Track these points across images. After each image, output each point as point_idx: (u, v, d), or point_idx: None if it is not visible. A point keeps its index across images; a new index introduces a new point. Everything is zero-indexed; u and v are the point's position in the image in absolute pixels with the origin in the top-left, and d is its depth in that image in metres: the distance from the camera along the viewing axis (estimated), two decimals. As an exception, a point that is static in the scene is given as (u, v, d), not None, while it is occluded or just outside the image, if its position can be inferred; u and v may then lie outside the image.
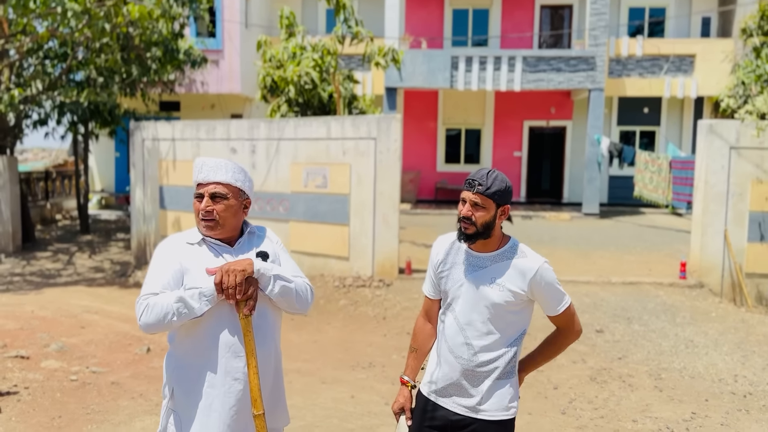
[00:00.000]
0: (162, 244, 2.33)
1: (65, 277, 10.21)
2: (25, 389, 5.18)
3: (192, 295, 2.11)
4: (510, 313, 2.43)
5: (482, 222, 2.38)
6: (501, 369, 2.44)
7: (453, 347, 2.46)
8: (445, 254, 2.56)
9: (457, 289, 2.47)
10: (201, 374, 2.22)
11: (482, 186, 2.38)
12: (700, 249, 8.52)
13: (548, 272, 2.43)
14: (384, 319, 7.51)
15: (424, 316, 2.68)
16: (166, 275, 2.20)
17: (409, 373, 2.64)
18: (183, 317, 2.11)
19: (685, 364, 5.99)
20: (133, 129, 10.77)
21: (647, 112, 18.01)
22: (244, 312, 2.15)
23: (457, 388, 2.47)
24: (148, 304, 2.12)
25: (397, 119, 8.57)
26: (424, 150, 18.29)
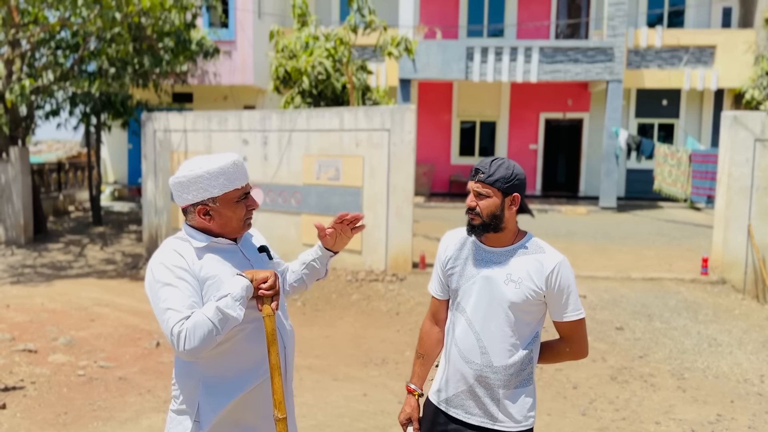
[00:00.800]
0: (164, 258, 2.03)
1: (76, 269, 10.16)
2: (31, 384, 5.09)
3: (227, 304, 1.91)
4: (526, 313, 2.23)
5: (488, 212, 2.21)
6: (517, 375, 2.25)
7: (464, 351, 2.27)
8: (454, 250, 2.37)
9: (469, 287, 2.27)
10: (234, 381, 2.07)
11: (484, 174, 2.22)
12: (723, 244, 8.27)
13: (567, 271, 2.23)
14: (397, 314, 7.35)
15: (431, 319, 2.47)
16: (187, 292, 1.97)
17: (415, 381, 2.45)
18: (226, 330, 1.92)
19: (709, 364, 5.79)
20: (145, 120, 10.67)
21: (666, 105, 17.66)
22: (272, 308, 2.00)
23: (470, 396, 2.28)
24: (187, 329, 1.87)
25: (411, 110, 8.38)
26: (438, 142, 18.08)
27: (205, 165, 2.04)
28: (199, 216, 2.08)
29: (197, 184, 2.04)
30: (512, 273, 2.22)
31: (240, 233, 2.16)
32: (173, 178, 2.09)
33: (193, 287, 2.00)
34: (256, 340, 2.08)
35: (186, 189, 2.06)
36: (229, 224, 2.10)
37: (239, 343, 2.07)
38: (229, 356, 2.07)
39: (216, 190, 2.04)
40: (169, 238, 2.14)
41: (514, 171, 2.23)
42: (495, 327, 2.23)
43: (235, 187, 2.07)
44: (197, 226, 2.11)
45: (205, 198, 2.05)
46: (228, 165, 2.05)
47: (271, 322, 2.00)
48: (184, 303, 1.95)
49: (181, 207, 2.12)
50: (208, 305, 1.94)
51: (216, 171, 2.03)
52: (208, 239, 2.09)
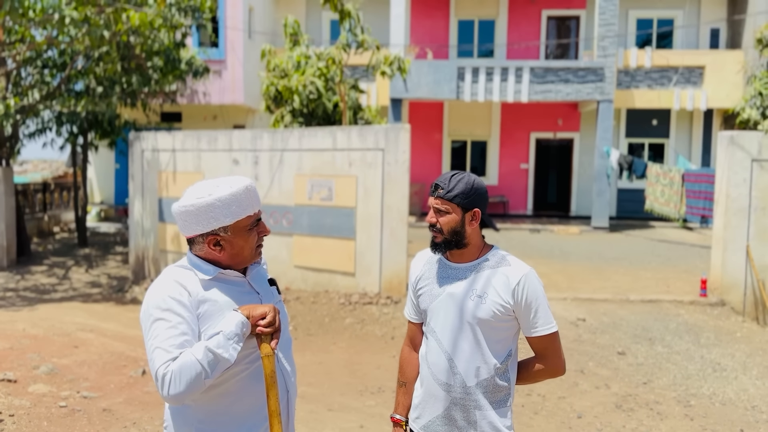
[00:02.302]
0: (162, 289, 1.84)
1: (60, 292, 9.87)
2: (9, 417, 4.82)
3: (218, 344, 1.73)
4: (495, 329, 2.14)
5: (448, 228, 2.16)
6: (493, 394, 2.15)
7: (436, 374, 2.19)
8: (423, 269, 2.30)
9: (437, 306, 2.21)
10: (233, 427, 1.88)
11: (443, 189, 2.15)
12: (722, 265, 8.16)
13: (533, 283, 2.13)
14: (392, 338, 7.14)
15: (409, 344, 2.39)
16: (180, 329, 1.77)
17: (400, 411, 2.37)
18: (217, 372, 1.74)
19: (715, 390, 5.62)
20: (132, 139, 10.47)
21: (656, 125, 17.71)
22: (272, 346, 1.81)
23: (447, 420, 2.18)
24: (172, 372, 1.70)
25: (405, 129, 8.25)
26: (429, 162, 17.99)
27: (216, 192, 1.85)
28: (209, 247, 1.90)
29: (207, 213, 1.85)
30: (477, 288, 2.16)
31: (251, 262, 1.98)
32: (179, 207, 1.89)
33: (188, 323, 1.80)
34: (258, 382, 1.89)
35: (194, 218, 1.86)
36: (240, 254, 1.92)
37: (238, 384, 1.88)
38: (226, 399, 1.88)
39: (228, 219, 1.86)
40: (170, 267, 1.95)
41: (473, 186, 2.16)
42: (465, 345, 2.14)
43: (248, 215, 1.90)
44: (205, 256, 1.92)
45: (215, 227, 1.86)
46: (240, 191, 1.87)
47: (271, 363, 1.82)
48: (174, 342, 1.75)
49: (187, 237, 1.93)
50: (198, 345, 1.75)
51: (228, 198, 1.85)
52: (216, 271, 1.90)
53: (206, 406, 1.88)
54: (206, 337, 1.79)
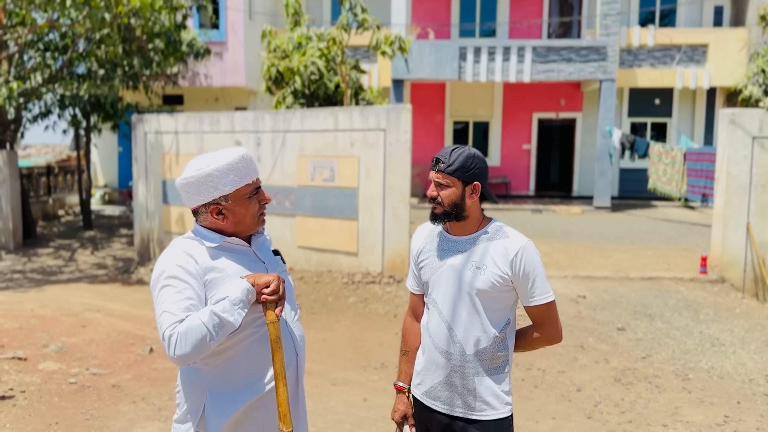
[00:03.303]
0: (170, 258, 1.93)
1: (67, 274, 9.98)
2: (21, 393, 4.94)
3: (224, 308, 1.82)
4: (494, 299, 2.22)
5: (449, 201, 2.22)
6: (491, 362, 2.24)
7: (437, 342, 2.27)
8: (424, 242, 2.38)
9: (438, 278, 2.29)
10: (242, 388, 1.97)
11: (444, 164, 2.22)
12: (722, 243, 8.22)
13: (531, 254, 2.21)
14: (395, 316, 7.24)
15: (411, 315, 2.49)
16: (186, 294, 1.86)
17: (403, 379, 2.46)
18: (222, 336, 1.82)
19: (713, 364, 5.71)
20: (135, 122, 10.51)
21: (658, 104, 17.66)
22: (276, 313, 1.90)
23: (447, 387, 2.27)
24: (179, 333, 1.78)
25: (407, 109, 8.27)
26: (431, 143, 17.98)
27: (213, 162, 1.95)
28: (213, 216, 1.99)
29: (207, 183, 1.95)
30: (476, 260, 2.22)
31: (254, 230, 2.07)
32: (180, 179, 1.99)
33: (194, 289, 1.89)
34: (265, 345, 1.97)
35: (195, 189, 1.97)
36: (243, 222, 2.02)
37: (247, 348, 1.97)
38: (236, 362, 1.97)
39: (227, 188, 1.95)
40: (178, 238, 2.05)
41: (473, 160, 2.22)
42: (465, 315, 2.23)
43: (246, 183, 1.99)
44: (209, 226, 2.03)
45: (216, 197, 1.96)
46: (237, 160, 1.97)
47: (275, 329, 1.90)
48: (181, 306, 1.85)
49: (191, 208, 2.03)
50: (204, 309, 1.84)
51: (225, 168, 1.95)
52: (221, 239, 2.01)
53: (216, 369, 1.96)
54: (213, 303, 1.87)
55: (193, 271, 1.91)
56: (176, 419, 2.05)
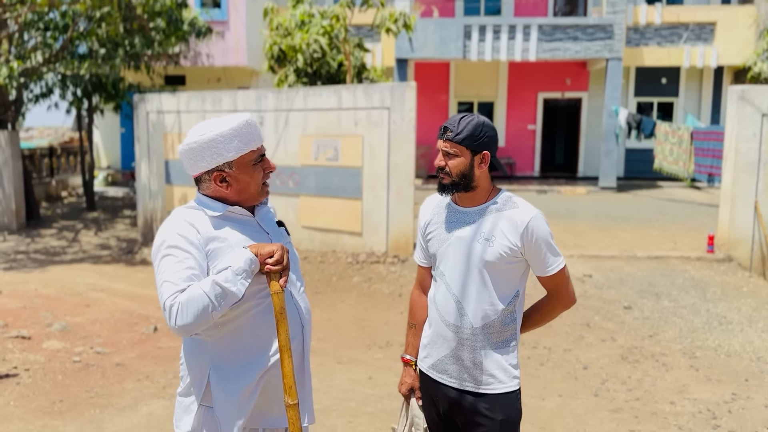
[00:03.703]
0: (171, 228, 1.88)
1: (70, 254, 9.96)
2: (25, 371, 4.93)
3: (226, 278, 1.76)
4: (503, 271, 2.16)
5: (457, 171, 2.15)
6: (499, 335, 2.19)
7: (444, 315, 2.23)
8: (432, 214, 2.32)
9: (445, 250, 2.23)
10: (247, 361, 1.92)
11: (452, 132, 2.14)
12: (729, 221, 8.14)
13: (541, 225, 2.15)
14: (399, 296, 7.20)
15: (418, 288, 2.44)
16: (188, 263, 1.81)
17: (410, 352, 2.43)
18: (225, 306, 1.77)
19: (720, 342, 5.66)
20: (137, 101, 10.43)
21: (665, 83, 17.47)
22: (280, 284, 1.84)
23: (454, 360, 2.22)
24: (180, 303, 1.73)
25: (411, 87, 8.17)
26: (436, 124, 17.79)
27: (217, 128, 1.88)
28: (216, 184, 1.93)
29: (210, 149, 1.88)
30: (485, 231, 2.17)
31: (258, 199, 2.01)
32: (183, 145, 1.93)
33: (196, 259, 1.84)
34: (270, 316, 1.92)
35: (198, 155, 1.90)
36: (247, 190, 1.95)
37: (251, 319, 1.92)
38: (241, 334, 1.92)
39: (231, 154, 1.89)
40: (179, 207, 1.99)
41: (483, 129, 2.15)
42: (472, 288, 2.17)
43: (251, 149, 1.92)
44: (212, 194, 1.96)
45: (220, 163, 1.89)
46: (241, 125, 1.89)
47: (280, 300, 1.84)
48: (182, 275, 1.79)
49: (194, 176, 1.96)
50: (206, 279, 1.79)
51: (229, 133, 1.88)
52: (224, 208, 1.94)
53: (220, 341, 1.91)
54: (215, 272, 1.81)
55: (194, 241, 1.85)
56: (180, 392, 2.01)
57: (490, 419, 2.19)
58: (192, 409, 1.95)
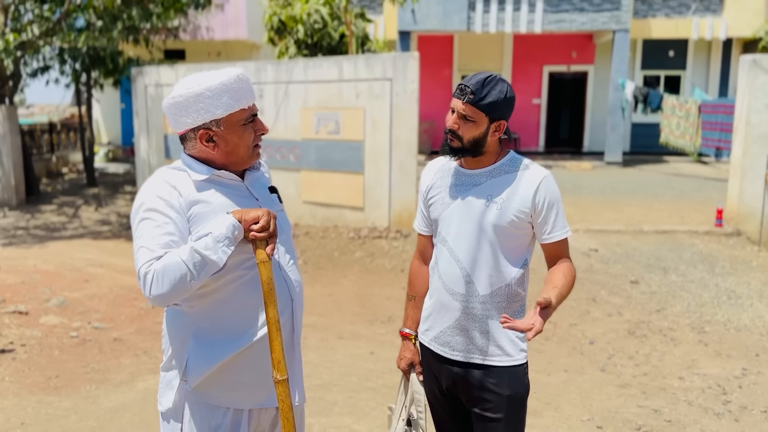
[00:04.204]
0: (151, 190, 1.74)
1: (70, 230, 9.87)
2: (21, 347, 4.85)
3: (206, 245, 1.62)
4: (512, 236, 2.02)
5: (470, 138, 2.01)
6: (508, 305, 2.05)
7: (448, 283, 2.08)
8: (434, 178, 2.17)
9: (449, 214, 2.09)
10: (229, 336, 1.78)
11: (474, 95, 1.95)
12: (739, 194, 7.98)
13: (552, 186, 2.02)
14: (402, 271, 7.10)
15: (419, 258, 2.29)
16: (166, 229, 1.67)
17: (409, 325, 2.29)
18: (204, 275, 1.63)
19: (729, 317, 5.55)
20: (135, 75, 10.26)
21: (672, 56, 17.15)
22: (267, 252, 1.69)
23: (458, 331, 2.08)
24: (155, 271, 1.60)
25: (414, 57, 7.98)
26: (439, 99, 17.60)
27: (205, 81, 1.72)
28: (202, 143, 1.77)
29: (197, 104, 1.72)
30: (493, 194, 2.04)
31: (248, 163, 1.85)
32: (168, 99, 1.77)
33: (176, 225, 1.70)
34: (255, 289, 1.78)
35: (184, 111, 1.74)
36: (235, 152, 1.79)
37: (236, 291, 1.78)
38: (223, 307, 1.78)
39: (219, 111, 1.72)
40: (162, 168, 1.83)
41: (507, 95, 1.98)
42: (479, 254, 2.03)
43: (242, 107, 1.75)
44: (198, 155, 1.81)
45: (207, 120, 1.74)
46: (231, 80, 1.73)
47: (267, 269, 1.69)
48: (159, 241, 1.65)
49: (179, 133, 1.81)
50: (185, 246, 1.64)
51: (218, 88, 1.71)
52: (210, 171, 1.78)
53: (202, 313, 1.79)
54: (195, 239, 1.67)
55: (175, 205, 1.71)
56: (162, 366, 1.89)
57: (496, 394, 2.06)
58: (174, 385, 1.83)
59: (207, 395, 1.81)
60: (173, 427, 1.83)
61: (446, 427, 2.27)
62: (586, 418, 3.78)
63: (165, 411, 1.85)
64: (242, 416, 1.83)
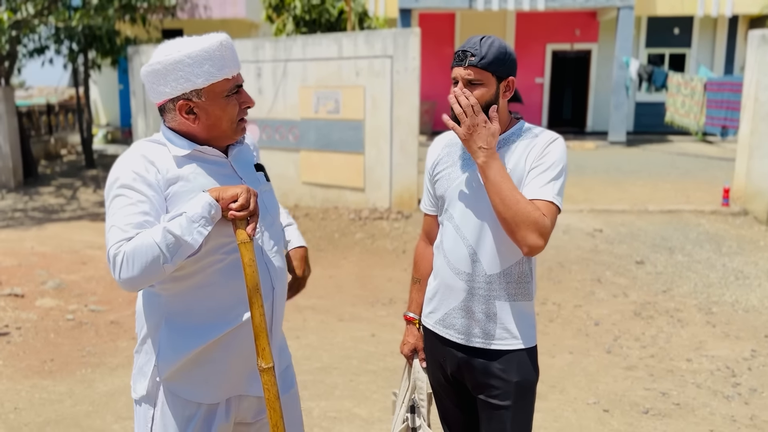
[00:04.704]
0: (126, 164, 1.61)
1: (69, 212, 9.77)
2: (16, 330, 4.77)
3: (180, 226, 1.49)
4: None
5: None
6: (517, 285, 1.93)
7: (453, 262, 1.96)
8: (441, 153, 2.04)
9: (455, 189, 1.96)
10: (204, 323, 1.67)
11: (475, 56, 1.83)
12: (746, 173, 7.84)
13: (560, 149, 1.87)
14: (403, 252, 7.00)
15: (424, 239, 2.18)
16: (141, 207, 1.55)
17: (414, 309, 2.18)
18: (178, 258, 1.51)
19: (737, 297, 5.45)
20: (132, 54, 10.08)
21: (677, 34, 16.88)
22: (248, 232, 1.56)
23: (463, 313, 1.96)
24: (125, 253, 1.49)
25: (415, 34, 7.81)
26: (440, 79, 17.38)
27: (185, 48, 1.59)
28: (181, 115, 1.64)
29: (176, 71, 1.59)
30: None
31: (232, 139, 1.72)
32: (145, 66, 1.63)
33: (152, 203, 1.57)
34: (235, 276, 1.65)
35: (162, 79, 1.61)
36: (218, 126, 1.66)
37: (213, 277, 1.65)
38: (199, 292, 1.66)
39: (200, 80, 1.59)
40: (140, 141, 1.71)
41: (507, 50, 1.86)
42: (488, 231, 1.90)
43: (225, 77, 1.62)
44: (178, 128, 1.67)
45: (187, 90, 1.60)
46: (213, 47, 1.60)
47: (248, 251, 1.57)
48: (132, 221, 1.53)
49: (157, 104, 1.67)
50: (157, 227, 1.51)
51: (199, 55, 1.58)
52: (191, 146, 1.65)
53: (177, 297, 1.67)
54: (169, 219, 1.54)
55: (152, 182, 1.59)
56: (135, 350, 1.79)
57: (503, 380, 1.95)
58: (146, 372, 1.73)
59: (178, 388, 1.70)
60: (145, 412, 1.73)
61: (451, 414, 2.16)
62: (593, 401, 3.69)
63: (138, 398, 1.76)
64: (217, 408, 1.73)
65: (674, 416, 3.54)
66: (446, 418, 2.19)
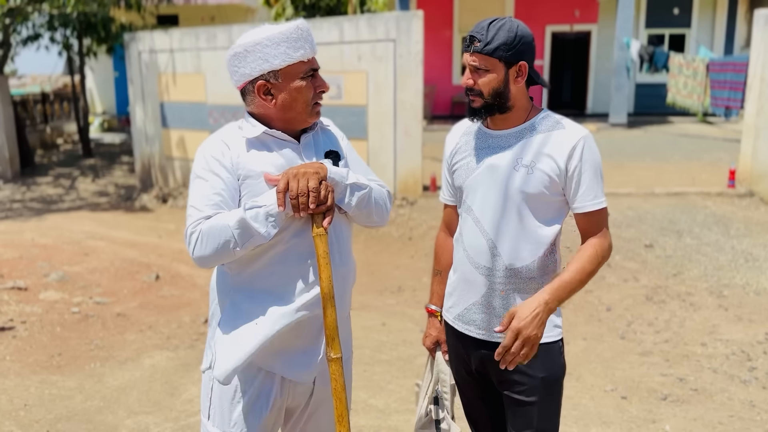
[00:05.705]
0: (207, 148, 1.75)
1: (68, 202, 9.68)
2: (21, 324, 4.70)
3: (255, 216, 1.60)
4: (544, 203, 1.82)
5: (489, 89, 1.80)
6: (540, 278, 1.85)
7: (473, 255, 1.89)
8: (460, 141, 1.98)
9: (474, 180, 1.89)
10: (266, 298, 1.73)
11: (481, 42, 1.77)
12: (752, 154, 7.78)
13: (592, 147, 1.80)
14: (410, 239, 6.94)
15: (445, 230, 2.13)
16: (217, 188, 1.68)
17: (435, 301, 2.13)
18: (248, 245, 1.62)
19: (748, 280, 5.41)
20: (128, 41, 9.92)
21: (677, 14, 16.73)
22: (323, 226, 1.62)
23: (484, 308, 1.90)
24: (200, 232, 1.62)
25: (418, 17, 7.69)
26: (439, 62, 17.23)
27: (265, 31, 1.69)
28: (259, 95, 1.71)
29: (255, 53, 1.68)
30: (523, 157, 1.83)
31: (306, 122, 1.76)
32: (229, 51, 1.73)
33: (226, 184, 1.68)
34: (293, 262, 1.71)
35: (243, 61, 1.70)
36: (293, 107, 1.72)
37: (273, 260, 1.71)
38: (261, 273, 1.73)
39: (277, 61, 1.68)
40: (229, 124, 1.81)
41: (517, 33, 1.78)
42: (508, 224, 1.84)
43: (300, 59, 1.70)
44: (256, 111, 1.76)
45: (264, 71, 1.68)
46: (291, 29, 1.69)
47: (323, 243, 1.62)
48: (208, 201, 1.66)
49: (239, 87, 1.77)
50: (235, 212, 1.63)
51: (276, 37, 1.67)
52: (262, 129, 1.72)
53: (240, 276, 1.76)
54: (245, 204, 1.63)
55: (226, 164, 1.70)
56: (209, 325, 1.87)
57: (529, 376, 1.87)
58: (211, 345, 1.81)
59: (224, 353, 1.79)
60: (207, 381, 1.83)
61: (476, 408, 2.11)
62: (610, 389, 3.65)
63: (204, 369, 1.85)
64: (274, 382, 1.79)
65: (693, 402, 3.51)
66: (470, 413, 2.14)
